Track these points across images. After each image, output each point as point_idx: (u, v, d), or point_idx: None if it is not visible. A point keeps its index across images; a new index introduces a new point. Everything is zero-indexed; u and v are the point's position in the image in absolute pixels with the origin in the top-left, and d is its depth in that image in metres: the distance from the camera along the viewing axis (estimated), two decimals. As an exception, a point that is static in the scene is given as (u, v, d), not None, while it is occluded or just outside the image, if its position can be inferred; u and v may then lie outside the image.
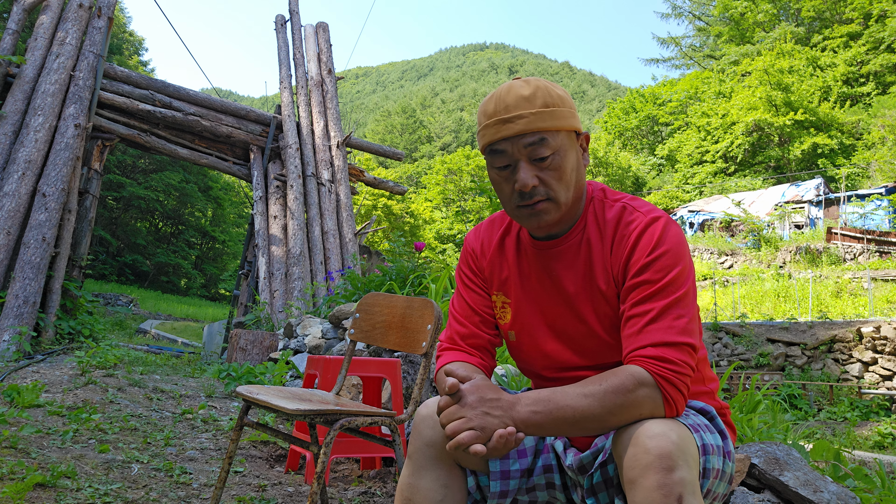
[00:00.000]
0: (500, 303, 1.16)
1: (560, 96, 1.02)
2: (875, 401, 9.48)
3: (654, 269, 0.97)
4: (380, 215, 29.53)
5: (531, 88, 1.00)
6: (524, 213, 1.03)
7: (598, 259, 1.05)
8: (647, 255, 0.98)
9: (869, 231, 17.74)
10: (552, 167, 1.00)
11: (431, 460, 1.07)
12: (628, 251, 1.01)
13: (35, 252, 6.07)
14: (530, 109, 0.99)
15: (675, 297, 0.96)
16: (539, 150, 0.99)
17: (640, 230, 1.01)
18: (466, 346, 1.16)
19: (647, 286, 0.97)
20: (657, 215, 1.02)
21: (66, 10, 7.38)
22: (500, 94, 1.01)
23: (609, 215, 1.06)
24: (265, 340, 5.59)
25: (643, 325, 0.95)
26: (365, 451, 2.39)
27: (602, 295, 1.04)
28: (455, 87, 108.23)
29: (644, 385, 0.90)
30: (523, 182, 0.99)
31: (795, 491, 1.58)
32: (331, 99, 9.11)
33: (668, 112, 35.66)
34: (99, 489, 1.92)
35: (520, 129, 0.99)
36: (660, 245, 0.99)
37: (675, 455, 0.85)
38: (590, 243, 1.06)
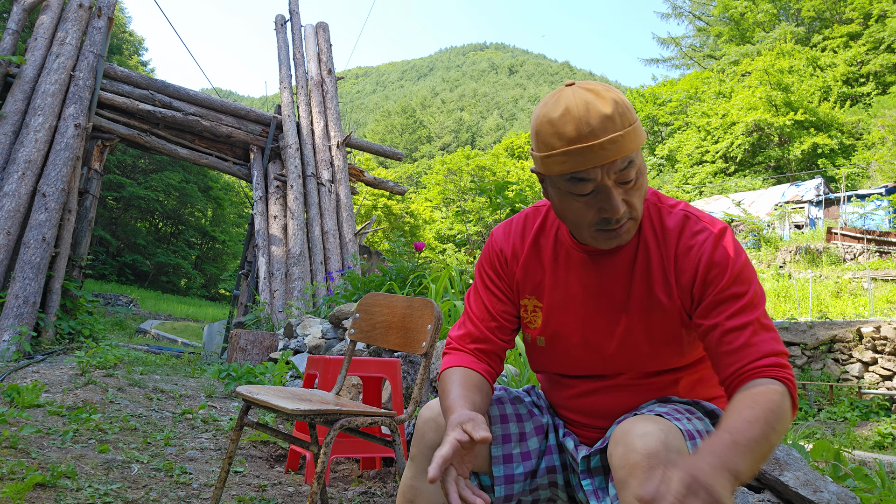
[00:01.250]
0: (531, 307, 1.10)
1: (630, 107, 0.93)
2: (875, 401, 9.48)
3: (739, 282, 0.95)
4: (380, 215, 29.53)
5: (610, 103, 0.90)
6: (602, 236, 0.96)
7: (657, 269, 1.00)
8: (730, 268, 0.95)
9: (869, 231, 17.74)
10: (636, 187, 0.94)
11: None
12: (705, 265, 0.96)
13: (35, 252, 6.07)
14: (619, 131, 0.89)
15: (763, 307, 0.96)
16: (628, 173, 0.92)
17: (714, 243, 0.97)
18: (475, 351, 1.12)
19: (736, 299, 0.94)
20: (723, 226, 0.99)
21: (66, 10, 7.38)
22: (580, 114, 0.89)
23: (669, 224, 1.01)
24: (265, 340, 5.59)
25: (749, 337, 0.93)
26: (365, 451, 2.39)
27: (661, 307, 1.00)
28: (455, 87, 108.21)
29: (784, 395, 0.89)
30: (615, 209, 0.92)
31: (795, 491, 1.58)
32: (331, 99, 9.11)
33: (668, 112, 35.67)
34: (99, 489, 1.92)
35: (611, 156, 0.89)
36: (738, 257, 0.97)
37: (663, 455, 0.84)
38: (647, 252, 1.01)
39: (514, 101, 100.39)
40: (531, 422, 1.13)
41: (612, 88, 0.94)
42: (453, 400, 1.02)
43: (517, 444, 1.11)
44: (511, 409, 1.13)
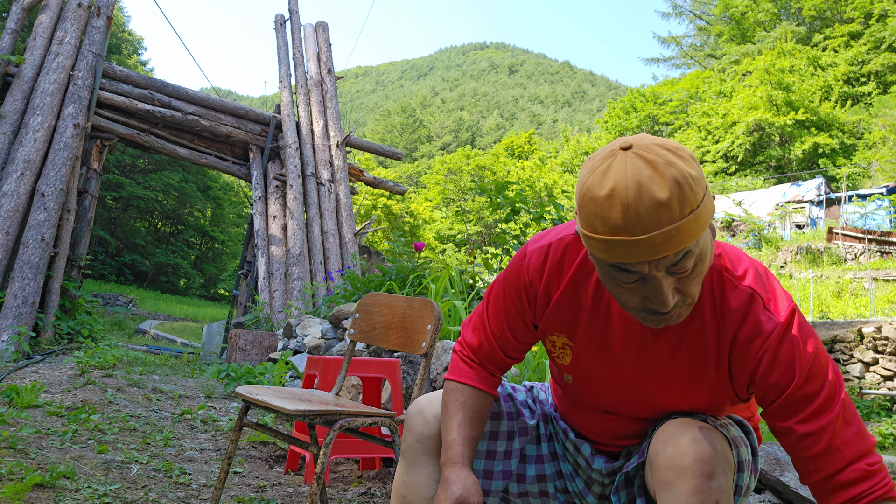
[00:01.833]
0: (559, 343, 1.03)
1: (697, 181, 0.77)
2: (876, 401, 9.48)
3: (810, 380, 0.86)
4: (380, 215, 29.53)
5: (668, 185, 0.74)
6: (650, 319, 0.86)
7: (711, 346, 0.91)
8: (798, 367, 0.86)
9: (870, 231, 17.73)
10: (693, 275, 0.82)
11: (424, 456, 1.06)
12: (768, 364, 0.87)
13: (34, 252, 6.07)
14: (674, 223, 0.75)
15: (842, 398, 0.87)
16: (683, 264, 0.80)
17: (779, 337, 0.87)
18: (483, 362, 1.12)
19: (808, 400, 0.86)
20: (790, 311, 0.88)
21: (65, 10, 7.37)
22: (628, 200, 0.75)
23: (734, 304, 0.89)
24: (264, 341, 5.58)
25: (829, 441, 0.85)
26: (365, 451, 2.39)
27: (708, 383, 0.93)
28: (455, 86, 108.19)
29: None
30: (663, 303, 0.81)
31: (796, 491, 1.58)
32: (330, 98, 9.10)
33: (668, 112, 35.66)
34: (98, 490, 1.91)
35: (664, 251, 0.76)
36: (805, 349, 0.87)
37: (715, 462, 0.84)
38: (703, 325, 0.91)
39: (514, 101, 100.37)
40: (518, 421, 1.13)
41: (680, 154, 0.78)
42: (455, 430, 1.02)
43: (504, 441, 1.11)
44: (504, 405, 1.14)
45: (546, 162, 38.86)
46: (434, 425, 1.07)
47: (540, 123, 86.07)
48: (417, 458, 1.07)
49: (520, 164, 38.99)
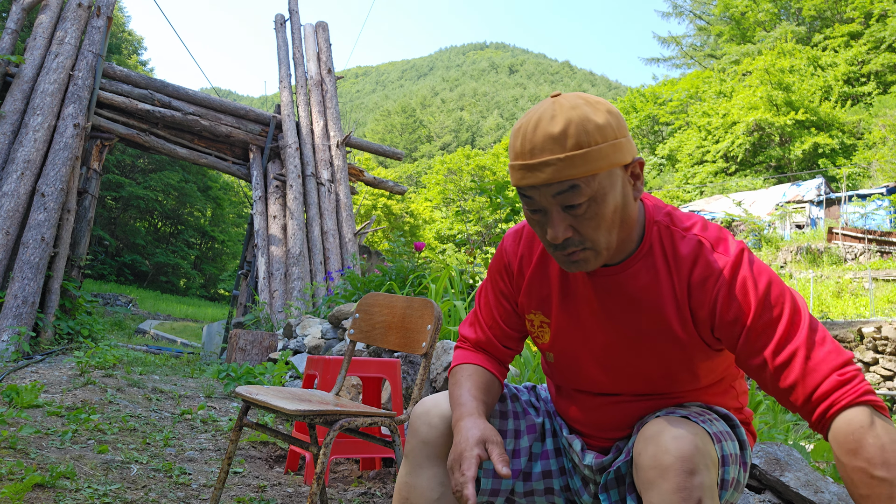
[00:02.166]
0: (537, 322, 1.07)
1: (599, 128, 0.85)
2: (875, 401, 9.48)
3: (768, 307, 0.88)
4: (380, 215, 29.53)
5: (562, 123, 0.84)
6: (560, 258, 0.93)
7: (668, 299, 0.94)
8: (753, 297, 0.88)
9: (870, 231, 17.73)
10: (588, 215, 0.87)
11: (428, 458, 1.06)
12: (724, 301, 0.90)
13: (34, 252, 6.07)
14: (559, 154, 0.84)
15: (805, 317, 0.88)
16: (570, 198, 0.86)
17: (731, 273, 0.90)
18: (488, 356, 1.15)
19: (772, 327, 0.87)
20: (739, 250, 0.92)
21: (65, 10, 7.37)
22: (527, 130, 0.87)
23: (683, 251, 0.93)
24: (264, 341, 5.58)
25: (802, 364, 0.85)
26: (365, 451, 2.39)
27: (675, 338, 0.95)
28: (455, 86, 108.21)
29: (873, 423, 0.82)
30: (554, 235, 0.88)
31: (796, 492, 1.58)
32: (330, 98, 9.10)
33: (668, 112, 35.66)
34: (98, 490, 1.91)
35: (546, 178, 0.85)
36: (760, 279, 0.89)
37: (696, 459, 0.84)
38: (657, 278, 0.94)
39: (514, 101, 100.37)
40: (525, 420, 1.14)
41: (594, 105, 0.87)
42: (465, 393, 1.03)
43: (511, 440, 1.11)
44: (510, 405, 1.14)
45: (546, 162, 38.77)
46: (439, 427, 1.07)
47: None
48: (421, 460, 1.06)
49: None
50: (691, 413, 0.95)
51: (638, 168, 0.92)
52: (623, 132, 0.88)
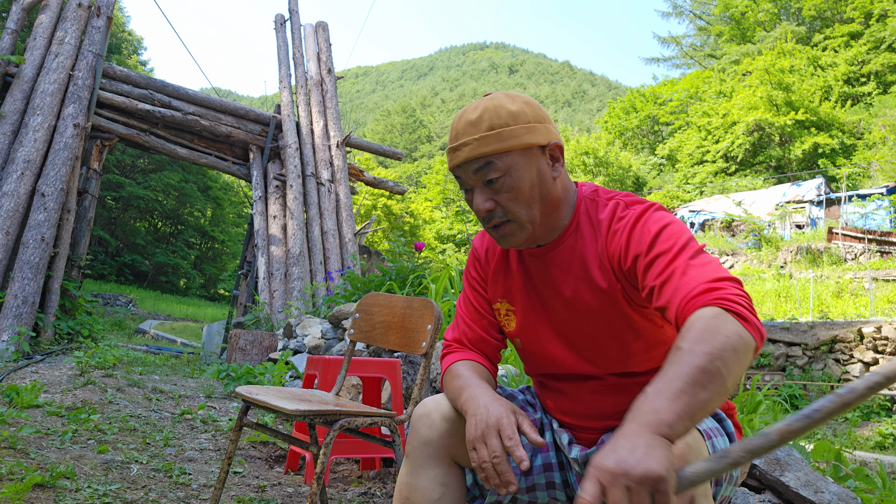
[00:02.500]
0: (503, 310, 1.14)
1: (512, 113, 0.99)
2: (876, 401, 9.47)
3: (661, 242, 0.93)
4: (380, 215, 29.52)
5: (479, 111, 1.00)
6: (493, 235, 1.04)
7: (593, 259, 1.02)
8: (651, 234, 0.95)
9: (870, 231, 17.73)
10: (504, 189, 0.99)
11: (429, 459, 1.06)
12: (625, 243, 0.97)
13: (34, 252, 6.07)
14: (474, 135, 0.99)
15: (695, 250, 0.92)
16: (487, 173, 0.99)
17: (636, 218, 0.98)
18: (475, 350, 1.17)
19: (662, 256, 0.92)
20: (649, 204, 1.01)
21: (65, 10, 7.37)
22: (455, 122, 1.02)
23: (602, 215, 1.03)
24: (264, 341, 5.58)
25: (676, 281, 0.88)
26: (365, 451, 2.39)
27: (604, 294, 1.01)
28: (455, 86, 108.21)
29: (715, 316, 0.79)
30: (478, 207, 1.01)
31: (796, 491, 1.58)
32: (330, 98, 9.10)
33: (668, 112, 35.66)
34: (98, 490, 1.91)
35: (465, 156, 0.99)
36: (658, 223, 0.96)
37: (688, 458, 0.83)
38: (584, 244, 1.03)
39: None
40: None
41: (512, 99, 1.01)
42: (468, 379, 1.06)
43: None
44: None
45: (546, 162, 38.79)
46: (440, 427, 1.07)
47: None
48: (422, 461, 1.06)
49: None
50: None
51: (557, 151, 1.03)
52: (539, 119, 1.01)
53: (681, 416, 0.72)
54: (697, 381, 0.74)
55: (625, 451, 0.68)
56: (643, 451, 0.68)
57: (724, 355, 0.76)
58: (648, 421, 0.71)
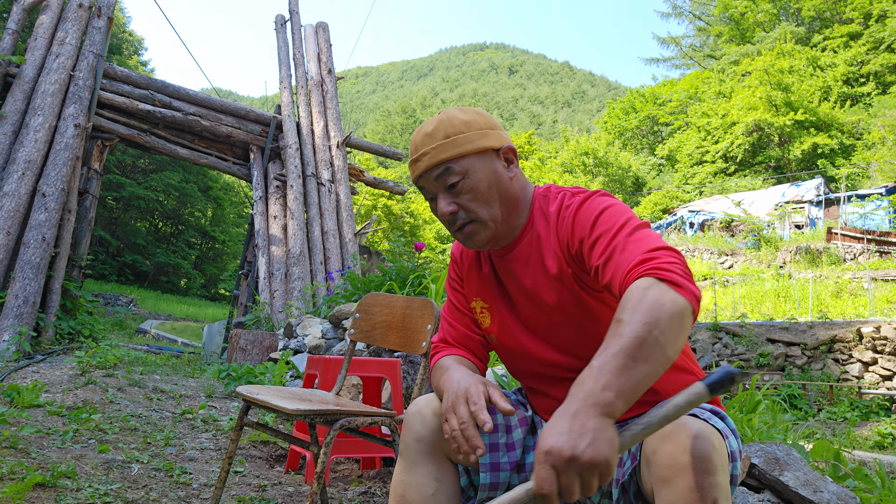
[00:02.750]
0: (479, 308, 1.19)
1: (465, 122, 1.06)
2: (875, 401, 9.47)
3: (601, 223, 0.98)
4: (380, 215, 29.53)
5: (434, 124, 1.07)
6: (459, 238, 1.09)
7: (547, 249, 1.07)
8: (592, 217, 1.00)
9: (869, 231, 17.74)
10: (465, 190, 1.05)
11: (423, 455, 1.08)
12: (570, 227, 1.03)
13: (35, 252, 6.07)
14: (432, 145, 1.05)
15: (634, 226, 0.96)
16: (447, 178, 1.05)
17: (578, 205, 1.04)
18: (460, 346, 1.19)
19: (604, 235, 0.97)
20: (592, 191, 1.06)
21: (65, 10, 7.38)
22: (413, 138, 1.09)
23: (552, 207, 1.09)
24: (265, 340, 5.59)
25: (617, 258, 0.93)
26: (365, 451, 2.39)
27: (558, 281, 1.05)
28: (455, 87, 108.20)
29: (649, 287, 0.83)
30: (441, 211, 1.06)
31: (795, 491, 1.58)
32: (331, 99, 9.11)
33: (668, 112, 35.67)
34: (99, 489, 1.92)
35: (425, 165, 1.06)
36: (599, 206, 1.01)
37: (714, 459, 0.84)
38: (539, 238, 1.09)
39: (514, 101, 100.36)
40: (515, 414, 1.15)
41: (465, 111, 1.09)
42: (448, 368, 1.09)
43: (503, 434, 1.13)
44: None
45: (546, 162, 38.86)
46: (433, 423, 1.08)
47: (540, 124, 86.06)
48: (416, 457, 1.08)
49: (520, 165, 38.93)
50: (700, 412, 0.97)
51: (510, 153, 1.10)
52: (490, 126, 1.08)
53: (623, 392, 0.76)
54: (638, 355, 0.77)
55: (575, 435, 0.72)
56: (591, 436, 0.71)
57: (661, 323, 0.79)
58: (594, 401, 0.74)
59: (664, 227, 26.02)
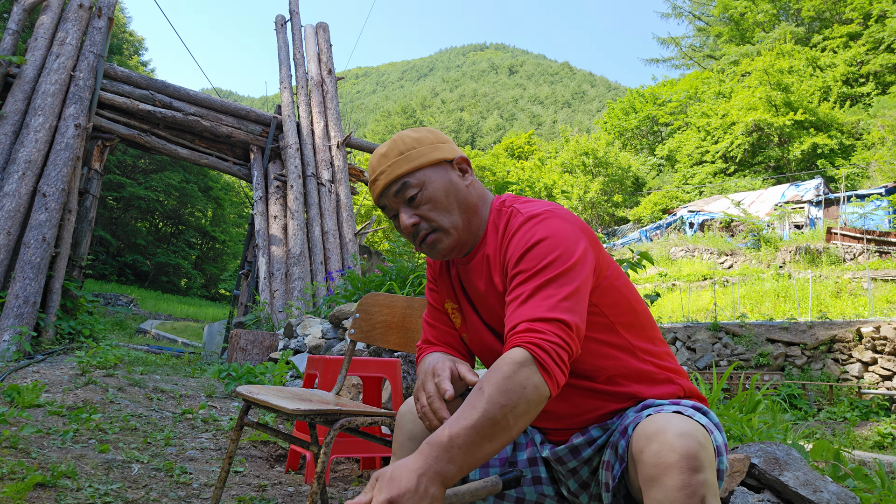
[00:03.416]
0: (450, 309, 1.23)
1: (416, 139, 1.11)
2: (875, 401, 9.48)
3: (527, 259, 1.00)
4: (380, 215, 29.48)
5: (388, 145, 1.11)
6: (424, 250, 1.11)
7: (495, 263, 1.10)
8: (522, 247, 1.01)
9: (869, 231, 17.74)
10: (424, 201, 1.08)
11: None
12: (506, 247, 1.06)
13: (35, 252, 6.07)
14: (387, 163, 1.09)
15: (547, 278, 0.97)
16: (405, 192, 1.08)
17: (517, 227, 1.05)
18: (441, 344, 1.21)
19: (521, 274, 0.99)
20: (537, 212, 1.05)
21: (66, 11, 7.38)
22: (370, 161, 1.14)
23: (501, 222, 1.11)
24: (265, 340, 5.59)
25: (515, 307, 0.96)
26: (365, 451, 2.40)
27: (502, 295, 1.08)
28: (455, 87, 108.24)
29: (522, 364, 0.88)
30: (404, 224, 1.09)
31: (795, 491, 1.58)
32: (331, 99, 9.11)
33: (667, 112, 35.67)
34: (99, 489, 1.92)
35: (383, 183, 1.09)
36: (533, 236, 1.01)
37: (701, 456, 0.85)
38: (489, 251, 1.12)
39: (514, 102, 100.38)
40: None
41: (417, 129, 1.14)
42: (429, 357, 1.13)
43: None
44: None
45: (546, 162, 38.87)
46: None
47: (540, 124, 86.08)
48: (407, 455, 1.08)
49: (520, 165, 38.97)
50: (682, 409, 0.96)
51: (464, 163, 1.14)
52: (441, 140, 1.13)
53: (464, 468, 0.84)
54: (488, 434, 0.85)
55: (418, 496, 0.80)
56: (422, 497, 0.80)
57: (518, 408, 0.86)
58: (439, 470, 0.82)
59: (664, 227, 26.04)
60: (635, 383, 1.06)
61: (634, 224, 30.13)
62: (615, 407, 1.05)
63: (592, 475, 1.07)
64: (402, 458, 0.85)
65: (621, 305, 1.07)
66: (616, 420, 1.05)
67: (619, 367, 1.06)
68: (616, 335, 1.07)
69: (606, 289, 1.06)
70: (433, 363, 1.07)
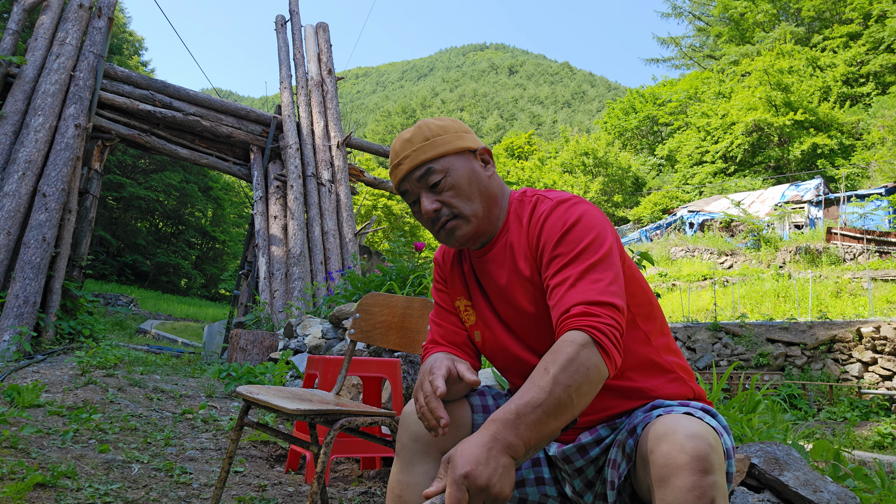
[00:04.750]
0: (462, 306, 1.22)
1: (441, 126, 1.12)
2: (875, 401, 9.48)
3: (566, 242, 1.01)
4: (380, 215, 29.54)
5: (412, 131, 1.12)
6: (442, 236, 1.12)
7: (519, 251, 1.10)
8: (559, 230, 1.02)
9: (869, 231, 17.74)
10: (447, 187, 1.09)
11: (419, 455, 1.08)
12: (538, 232, 1.06)
13: (35, 252, 6.07)
14: (412, 148, 1.10)
15: (591, 262, 0.98)
16: (429, 178, 1.09)
17: (549, 211, 1.07)
18: (448, 343, 1.20)
19: (561, 257, 1.00)
20: (566, 198, 1.08)
21: (66, 11, 7.38)
22: (393, 146, 1.13)
23: (525, 212, 1.12)
24: (265, 340, 5.59)
25: (564, 291, 0.97)
26: (365, 451, 2.40)
27: (528, 281, 1.08)
28: (455, 87, 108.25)
29: (584, 346, 0.90)
30: (425, 209, 1.09)
31: (795, 491, 1.58)
32: (331, 99, 9.11)
33: (667, 112, 35.68)
34: (99, 489, 1.92)
35: (406, 167, 1.10)
36: (569, 219, 1.03)
37: (711, 458, 0.85)
38: (512, 240, 1.12)
39: (513, 101, 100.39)
40: None
41: (441, 118, 1.15)
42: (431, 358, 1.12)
43: None
44: (492, 402, 1.16)
45: (546, 162, 38.87)
46: None
47: (540, 124, 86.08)
48: (412, 457, 1.08)
49: (520, 165, 38.97)
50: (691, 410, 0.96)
51: (486, 154, 1.15)
52: (465, 130, 1.14)
53: (530, 443, 0.86)
54: (552, 413, 0.87)
55: (490, 468, 0.81)
56: (502, 472, 0.82)
57: (581, 388, 0.88)
58: (507, 443, 0.84)
59: (664, 227, 26.04)
60: (649, 378, 1.07)
61: (634, 224, 30.14)
62: (627, 406, 1.06)
63: (598, 474, 1.07)
64: (466, 437, 0.86)
65: (639, 296, 1.08)
66: (624, 419, 1.05)
67: (636, 360, 1.07)
68: (635, 327, 1.08)
69: (629, 278, 1.07)
70: (432, 362, 1.07)
